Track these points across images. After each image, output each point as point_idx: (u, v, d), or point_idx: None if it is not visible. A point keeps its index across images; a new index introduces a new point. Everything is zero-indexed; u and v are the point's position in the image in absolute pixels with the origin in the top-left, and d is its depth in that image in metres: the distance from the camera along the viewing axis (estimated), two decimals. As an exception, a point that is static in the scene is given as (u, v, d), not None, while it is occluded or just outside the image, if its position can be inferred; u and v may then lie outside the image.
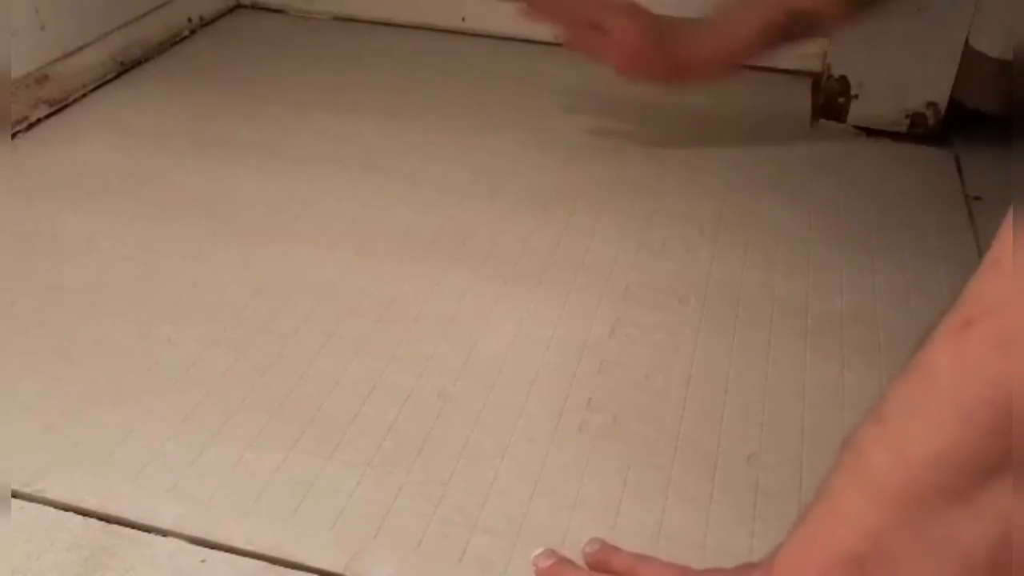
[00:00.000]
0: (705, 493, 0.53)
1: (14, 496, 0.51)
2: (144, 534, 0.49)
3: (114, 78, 0.98)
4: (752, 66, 0.82)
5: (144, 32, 1.03)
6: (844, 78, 0.90)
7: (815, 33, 0.79)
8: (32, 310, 0.65)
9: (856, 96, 0.90)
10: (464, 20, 1.11)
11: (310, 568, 0.48)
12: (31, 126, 0.88)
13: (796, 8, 0.75)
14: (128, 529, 0.50)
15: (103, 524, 0.50)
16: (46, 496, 0.51)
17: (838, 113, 0.92)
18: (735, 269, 0.72)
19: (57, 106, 0.91)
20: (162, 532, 0.49)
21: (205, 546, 0.49)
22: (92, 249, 0.72)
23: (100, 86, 0.96)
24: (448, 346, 0.63)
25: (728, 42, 0.78)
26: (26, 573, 0.47)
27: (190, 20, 1.10)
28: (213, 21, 1.13)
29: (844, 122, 0.92)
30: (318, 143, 0.88)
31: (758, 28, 0.76)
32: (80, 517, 0.50)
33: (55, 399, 0.58)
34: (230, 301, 0.67)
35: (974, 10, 0.83)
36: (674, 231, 0.76)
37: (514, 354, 0.63)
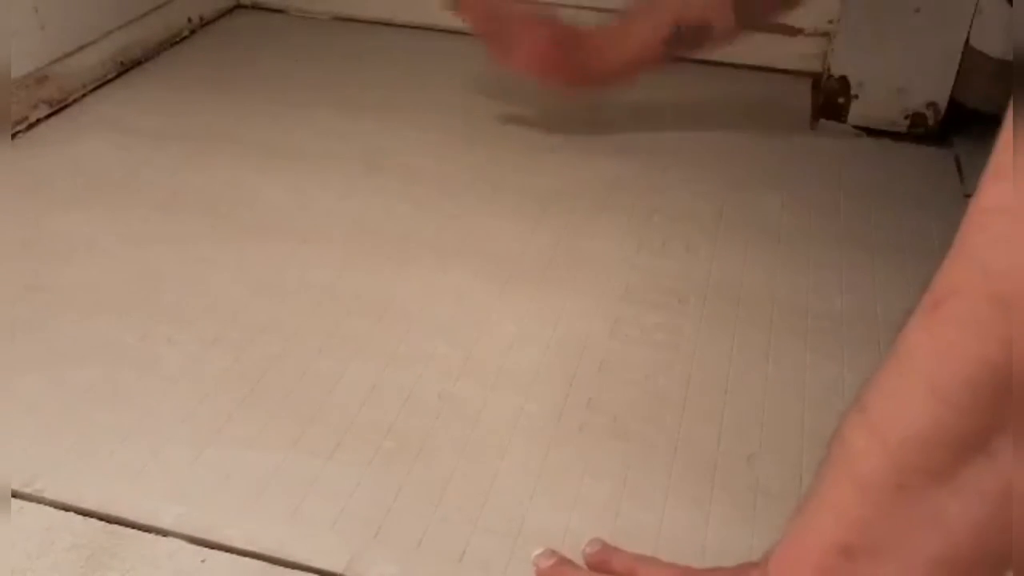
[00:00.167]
0: (705, 493, 0.53)
1: (14, 496, 0.51)
2: (144, 534, 0.49)
3: (114, 78, 0.98)
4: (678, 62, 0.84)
5: (144, 32, 1.03)
6: (844, 78, 0.90)
7: (707, 43, 0.82)
8: (32, 310, 0.65)
9: (856, 96, 0.90)
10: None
11: (310, 568, 0.48)
12: (31, 126, 0.88)
13: (685, 18, 0.80)
14: (128, 529, 0.50)
15: (103, 524, 0.50)
16: (46, 496, 0.51)
17: (838, 113, 0.92)
18: (735, 269, 0.72)
19: (57, 106, 0.91)
20: (162, 532, 0.49)
21: (205, 546, 0.49)
22: (92, 249, 0.72)
23: (100, 86, 0.96)
24: (448, 346, 0.63)
25: (628, 51, 0.82)
26: (26, 573, 0.47)
27: (190, 20, 1.10)
28: (213, 21, 1.13)
29: (844, 122, 0.92)
30: (318, 142, 0.88)
31: (653, 37, 0.81)
32: (80, 517, 0.50)
33: (55, 399, 0.58)
34: (230, 301, 0.67)
35: (974, 10, 0.83)
36: (674, 231, 0.76)
37: (514, 354, 0.63)
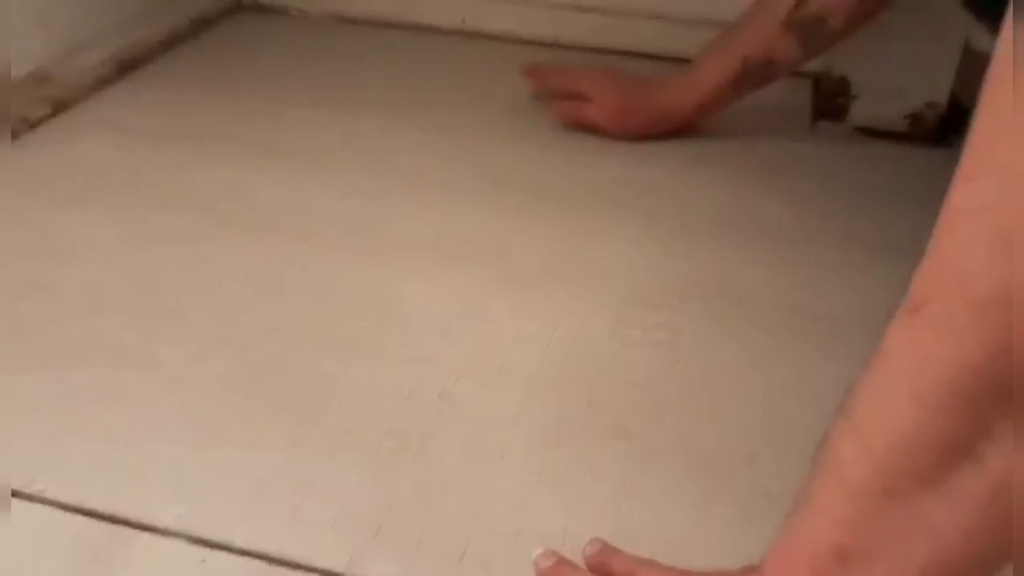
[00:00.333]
0: (705, 493, 0.53)
1: (14, 496, 0.51)
2: (144, 534, 0.49)
3: (114, 78, 0.98)
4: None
5: (144, 32, 1.03)
6: (844, 78, 0.90)
7: (777, 75, 0.84)
8: (32, 310, 0.65)
9: (856, 96, 0.90)
10: (464, 20, 1.11)
11: (310, 568, 0.48)
12: (31, 126, 0.88)
13: (752, 57, 0.82)
14: (128, 529, 0.50)
15: (103, 524, 0.50)
16: (46, 496, 0.51)
17: (838, 113, 0.91)
18: (735, 269, 0.72)
19: (57, 106, 0.91)
20: (162, 532, 0.49)
21: (205, 546, 0.49)
22: (92, 249, 0.72)
23: (100, 86, 0.96)
24: (448, 346, 0.63)
25: (696, 93, 0.86)
26: (26, 573, 0.47)
27: (190, 20, 1.10)
28: (213, 21, 1.13)
29: (844, 122, 0.92)
30: (318, 143, 0.88)
31: (722, 77, 0.83)
32: (80, 517, 0.50)
33: (55, 399, 0.58)
34: (230, 301, 0.67)
35: (974, 10, 0.84)
36: (674, 231, 0.76)
37: (514, 354, 0.63)
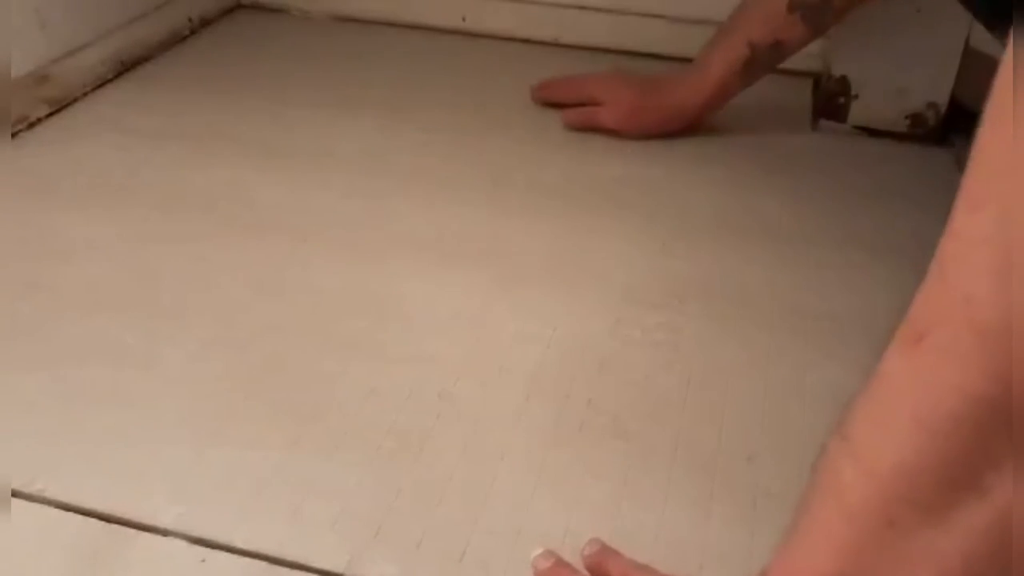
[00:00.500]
0: (705, 493, 0.53)
1: (14, 496, 0.51)
2: (144, 534, 0.49)
3: (114, 78, 0.98)
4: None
5: (144, 32, 1.03)
6: (844, 78, 0.90)
7: (785, 58, 0.84)
8: (32, 310, 0.65)
9: (856, 96, 0.90)
10: (464, 20, 1.11)
11: (310, 568, 0.48)
12: (31, 126, 0.88)
13: (758, 41, 0.82)
14: (128, 529, 0.50)
15: (103, 524, 0.50)
16: (46, 496, 0.51)
17: (838, 113, 0.92)
18: (735, 269, 0.72)
19: (57, 106, 0.91)
20: (162, 532, 0.49)
21: (205, 546, 0.49)
22: (92, 249, 0.72)
23: (100, 86, 0.96)
24: (448, 346, 0.63)
25: (707, 86, 0.86)
26: (26, 573, 0.47)
27: (190, 20, 1.10)
28: (213, 21, 1.13)
29: (844, 122, 0.92)
30: (318, 142, 0.88)
31: (730, 67, 0.84)
32: (80, 517, 0.50)
33: (55, 399, 0.58)
34: (230, 301, 0.67)
35: (974, 10, 0.83)
36: (674, 231, 0.76)
37: (514, 354, 0.63)
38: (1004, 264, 0.29)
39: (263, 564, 0.48)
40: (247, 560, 0.48)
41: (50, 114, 0.90)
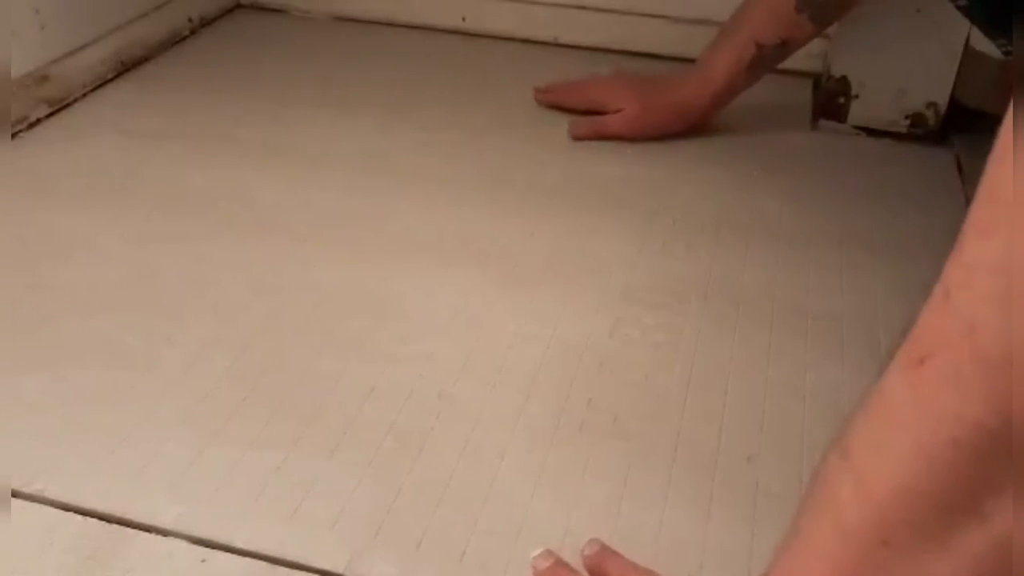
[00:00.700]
0: (705, 493, 0.53)
1: (14, 496, 0.51)
2: (144, 534, 0.49)
3: (114, 78, 0.98)
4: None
5: (144, 32, 1.03)
6: (844, 78, 0.90)
7: (790, 54, 0.85)
8: (33, 310, 0.65)
9: (856, 96, 0.90)
10: (464, 20, 1.11)
11: (310, 568, 0.48)
12: (31, 126, 0.88)
13: (764, 40, 0.82)
14: (128, 529, 0.50)
15: (103, 524, 0.50)
16: (46, 496, 0.51)
17: (838, 113, 0.92)
18: (735, 269, 0.72)
19: (57, 106, 0.91)
20: (162, 532, 0.49)
21: (205, 546, 0.49)
22: (92, 249, 0.72)
23: (100, 86, 0.96)
24: (448, 346, 0.63)
25: (713, 85, 0.86)
26: (26, 573, 0.47)
27: (190, 20, 1.10)
28: (213, 21, 1.13)
29: (844, 122, 0.92)
30: (318, 142, 0.88)
31: (736, 66, 0.84)
32: (80, 517, 0.50)
33: (55, 399, 0.58)
34: (230, 301, 0.67)
35: (974, 10, 0.83)
36: (674, 231, 0.76)
37: (514, 354, 0.63)
38: (1009, 293, 0.29)
39: (263, 564, 0.48)
40: (247, 560, 0.48)
41: (50, 114, 0.90)
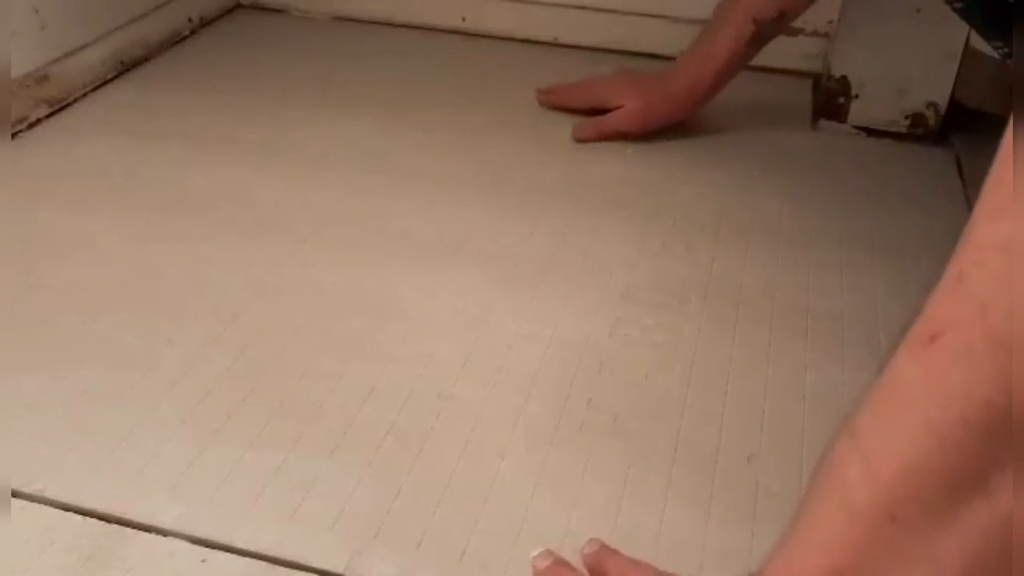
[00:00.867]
0: (705, 493, 0.53)
1: (14, 496, 0.51)
2: (144, 534, 0.49)
3: (114, 78, 0.98)
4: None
5: (144, 32, 1.03)
6: (844, 78, 0.90)
7: (786, 27, 0.85)
8: (32, 310, 0.65)
9: (856, 96, 0.90)
10: (464, 20, 1.11)
11: (310, 568, 0.48)
12: (31, 126, 0.88)
13: (762, 15, 0.82)
14: (128, 529, 0.50)
15: (103, 524, 0.50)
16: (46, 496, 0.51)
17: (838, 113, 0.92)
18: (735, 269, 0.72)
19: (57, 106, 0.91)
20: (162, 532, 0.49)
21: (205, 546, 0.49)
22: (92, 249, 0.72)
23: (100, 86, 0.96)
24: (448, 346, 0.63)
25: (713, 64, 0.85)
26: (26, 573, 0.47)
27: (190, 20, 1.10)
28: (213, 21, 1.13)
29: (844, 122, 0.92)
30: (318, 142, 0.88)
31: (736, 43, 0.83)
32: (80, 517, 0.50)
33: (55, 399, 0.58)
34: (230, 301, 0.67)
35: (974, 10, 0.83)
36: (674, 231, 0.76)
37: (514, 354, 0.63)
38: (1013, 274, 0.29)
39: (263, 564, 0.48)
40: (247, 560, 0.48)
41: (50, 114, 0.90)
